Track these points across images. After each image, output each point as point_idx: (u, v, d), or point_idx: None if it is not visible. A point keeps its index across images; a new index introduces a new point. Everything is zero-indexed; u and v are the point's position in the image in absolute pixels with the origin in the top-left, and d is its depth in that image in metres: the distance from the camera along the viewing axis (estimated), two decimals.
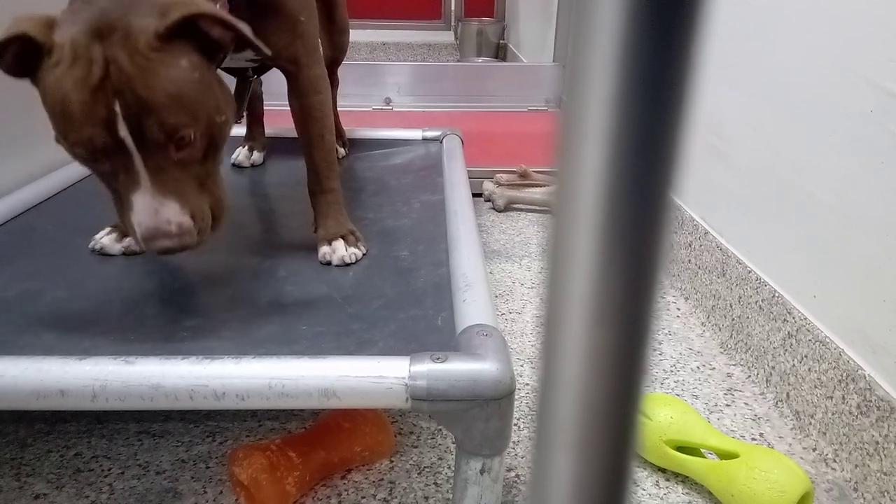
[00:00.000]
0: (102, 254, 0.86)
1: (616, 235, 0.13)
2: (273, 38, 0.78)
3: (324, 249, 0.85)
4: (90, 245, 0.87)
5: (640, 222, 0.13)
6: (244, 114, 1.30)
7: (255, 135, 1.28)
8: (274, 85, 1.19)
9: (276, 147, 1.33)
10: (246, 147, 1.26)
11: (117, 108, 0.56)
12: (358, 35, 3.45)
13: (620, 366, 0.14)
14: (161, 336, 0.68)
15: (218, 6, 0.69)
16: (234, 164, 1.24)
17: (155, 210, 0.59)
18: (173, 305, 0.74)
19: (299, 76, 0.84)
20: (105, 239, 0.87)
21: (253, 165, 1.25)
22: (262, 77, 1.15)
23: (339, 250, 0.84)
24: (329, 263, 0.84)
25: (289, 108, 0.86)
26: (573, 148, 0.13)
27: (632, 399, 0.15)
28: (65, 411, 0.90)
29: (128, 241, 0.86)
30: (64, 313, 0.72)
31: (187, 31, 0.60)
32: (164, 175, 0.59)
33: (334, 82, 1.29)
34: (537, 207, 1.64)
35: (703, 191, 1.20)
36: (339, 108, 1.34)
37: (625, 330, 0.14)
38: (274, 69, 0.89)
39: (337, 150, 1.04)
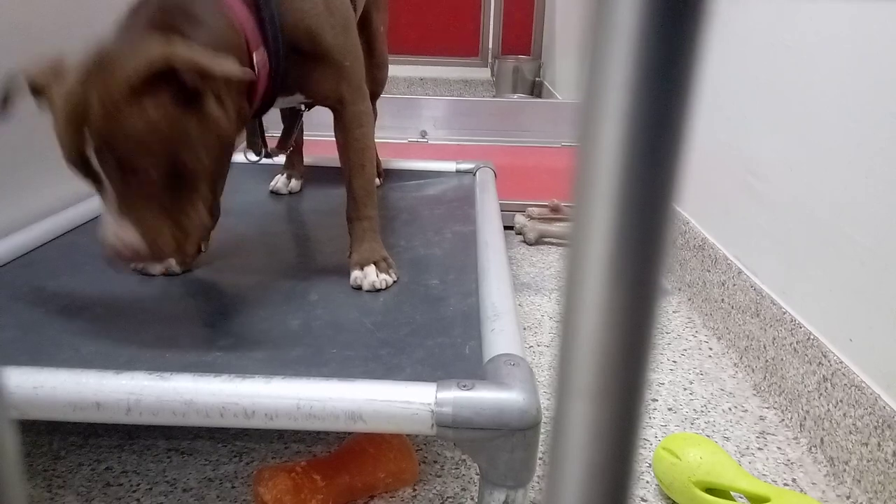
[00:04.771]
0: (143, 274, 0.89)
1: (630, 209, 0.15)
2: (321, 83, 0.85)
3: (355, 274, 0.86)
4: (131, 265, 0.90)
5: (652, 197, 0.15)
6: (293, 144, 1.34)
7: (293, 163, 1.31)
8: (314, 115, 1.22)
9: (314, 175, 1.36)
10: (284, 175, 1.29)
11: (90, 147, 0.65)
12: (397, 70, 3.52)
13: (633, 322, 0.16)
14: (195, 354, 0.69)
15: (257, 57, 0.75)
16: (272, 192, 1.27)
17: (114, 231, 0.67)
18: (208, 325, 0.75)
19: (345, 112, 0.89)
20: None
21: (290, 193, 1.28)
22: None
23: (370, 276, 0.85)
24: (360, 288, 0.85)
25: (326, 138, 0.89)
26: (591, 135, 0.15)
27: (643, 352, 0.16)
28: (98, 426, 0.91)
29: (168, 262, 0.89)
30: (103, 329, 0.74)
31: (164, 75, 0.65)
32: (129, 202, 0.67)
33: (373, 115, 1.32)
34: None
35: (737, 230, 1.19)
36: (376, 140, 1.36)
37: (636, 290, 0.16)
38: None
39: None
